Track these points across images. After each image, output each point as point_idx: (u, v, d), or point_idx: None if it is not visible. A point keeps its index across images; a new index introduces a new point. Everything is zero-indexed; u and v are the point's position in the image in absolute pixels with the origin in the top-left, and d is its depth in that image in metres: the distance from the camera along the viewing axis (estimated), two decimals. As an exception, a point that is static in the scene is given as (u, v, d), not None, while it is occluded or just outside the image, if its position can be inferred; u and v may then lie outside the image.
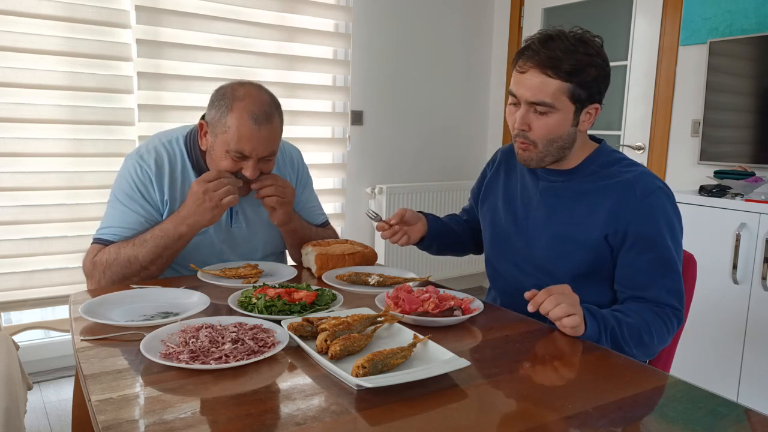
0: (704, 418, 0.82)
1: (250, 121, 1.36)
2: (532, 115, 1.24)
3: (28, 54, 2.42)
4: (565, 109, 1.23)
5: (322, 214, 1.79)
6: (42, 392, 2.48)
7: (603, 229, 1.26)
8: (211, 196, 1.36)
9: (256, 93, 1.41)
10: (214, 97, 1.43)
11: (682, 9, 2.81)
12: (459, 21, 3.70)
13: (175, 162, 1.50)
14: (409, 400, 0.83)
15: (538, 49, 1.21)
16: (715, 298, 2.30)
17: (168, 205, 1.48)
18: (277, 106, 1.45)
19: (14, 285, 2.51)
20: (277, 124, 1.43)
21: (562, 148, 1.28)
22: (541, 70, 1.20)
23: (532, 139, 1.26)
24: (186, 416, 0.77)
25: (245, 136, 1.37)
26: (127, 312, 1.17)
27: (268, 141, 1.40)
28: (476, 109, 3.88)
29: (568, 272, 1.30)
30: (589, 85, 1.22)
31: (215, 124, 1.40)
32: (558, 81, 1.20)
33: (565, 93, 1.21)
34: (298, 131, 3.19)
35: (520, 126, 1.26)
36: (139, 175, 1.46)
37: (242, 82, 1.44)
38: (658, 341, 1.19)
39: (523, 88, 1.23)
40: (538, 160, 1.30)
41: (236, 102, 1.37)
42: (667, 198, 1.26)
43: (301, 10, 3.07)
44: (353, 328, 1.01)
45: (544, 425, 0.78)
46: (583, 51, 1.20)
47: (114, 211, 1.47)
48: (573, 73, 1.19)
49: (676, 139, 2.91)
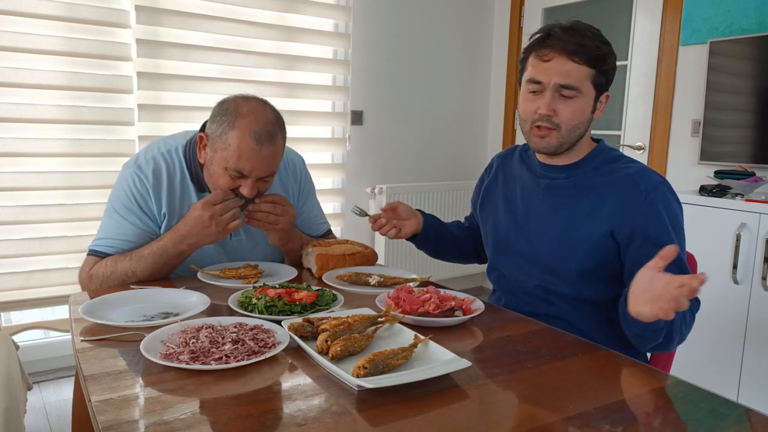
0: (705, 418, 0.82)
1: (251, 141, 1.32)
2: (558, 100, 1.26)
3: (28, 54, 2.42)
4: (588, 95, 1.27)
5: (325, 223, 1.76)
6: (42, 392, 2.48)
7: (608, 225, 1.26)
8: (218, 221, 1.34)
9: (261, 111, 1.36)
10: (216, 110, 1.38)
11: (682, 9, 2.81)
12: (459, 21, 3.70)
13: (174, 173, 1.46)
14: (410, 400, 0.83)
15: (561, 37, 1.24)
16: (715, 298, 2.30)
17: (166, 217, 1.45)
18: (281, 126, 1.41)
19: (14, 285, 2.51)
20: (280, 144, 1.39)
21: (580, 135, 1.31)
22: (567, 56, 1.23)
23: (556, 122, 1.27)
24: (186, 417, 0.77)
25: (245, 156, 1.33)
26: (127, 312, 1.17)
27: (268, 162, 1.36)
28: (476, 109, 3.88)
29: (573, 270, 1.30)
30: (608, 72, 1.27)
31: (216, 139, 1.36)
32: (584, 67, 1.24)
33: (589, 78, 1.25)
34: (298, 131, 3.19)
35: (547, 111, 1.26)
36: (138, 186, 1.43)
37: (247, 97, 1.39)
38: (683, 334, 1.20)
39: (551, 73, 1.25)
40: (557, 146, 1.29)
41: (239, 119, 1.33)
42: (670, 192, 1.27)
43: (301, 9, 3.07)
44: (354, 329, 1.01)
45: (546, 426, 0.77)
46: (601, 40, 1.26)
47: (111, 222, 1.44)
48: (597, 59, 1.24)
49: (676, 139, 2.91)
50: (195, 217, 1.35)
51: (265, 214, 1.43)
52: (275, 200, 1.44)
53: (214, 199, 1.35)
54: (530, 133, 1.31)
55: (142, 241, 1.43)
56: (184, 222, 1.38)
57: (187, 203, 1.47)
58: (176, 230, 1.39)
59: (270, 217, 1.43)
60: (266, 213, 1.43)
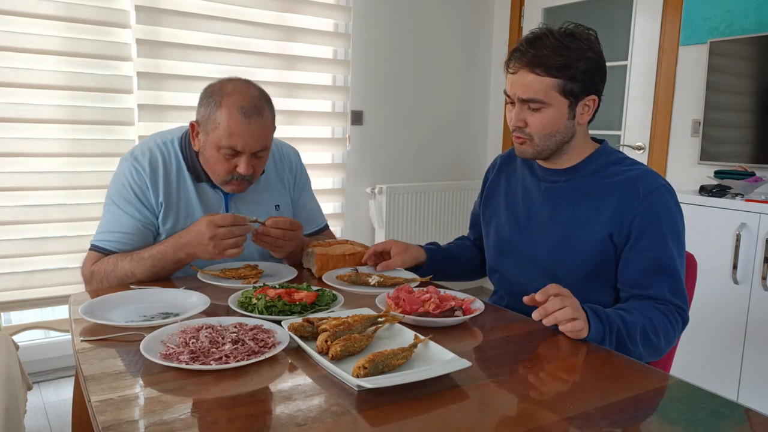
0: (705, 418, 0.82)
1: (240, 116, 1.35)
2: (526, 111, 1.28)
3: (28, 54, 2.42)
4: (557, 104, 1.26)
5: (322, 216, 1.77)
6: (42, 392, 2.48)
7: (607, 227, 1.26)
8: (216, 243, 1.32)
9: (245, 88, 1.39)
10: (203, 95, 1.42)
11: (682, 9, 2.81)
12: (459, 21, 3.70)
13: (170, 163, 1.48)
14: (410, 400, 0.83)
15: (525, 50, 1.25)
16: (715, 298, 2.30)
17: (163, 206, 1.46)
18: (267, 101, 1.43)
19: (14, 285, 2.51)
20: (268, 117, 1.41)
21: (561, 142, 1.31)
22: (529, 69, 1.24)
23: (528, 133, 1.30)
24: (186, 417, 0.77)
25: (236, 132, 1.35)
26: (127, 312, 1.17)
27: (259, 135, 1.38)
28: (476, 109, 3.88)
29: (573, 273, 1.30)
30: (580, 78, 1.24)
31: (205, 122, 1.39)
32: (547, 78, 1.24)
33: (554, 89, 1.25)
34: (298, 131, 3.19)
35: (516, 123, 1.30)
36: (135, 177, 1.44)
37: (230, 78, 1.42)
38: (665, 341, 1.18)
39: (515, 87, 1.28)
40: (534, 153, 1.32)
41: (225, 98, 1.36)
42: (670, 196, 1.26)
43: (301, 9, 3.07)
44: (354, 329, 1.01)
45: (546, 426, 0.77)
46: (572, 46, 1.23)
47: (110, 215, 1.45)
48: (560, 68, 1.23)
49: (676, 139, 2.91)
50: (197, 231, 1.34)
51: (273, 239, 1.43)
52: (285, 226, 1.43)
53: (221, 221, 1.32)
54: (513, 140, 1.35)
55: (141, 233, 1.44)
56: (187, 231, 1.37)
57: (184, 193, 1.48)
58: (179, 237, 1.38)
59: (278, 242, 1.44)
60: (275, 238, 1.43)
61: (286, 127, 3.12)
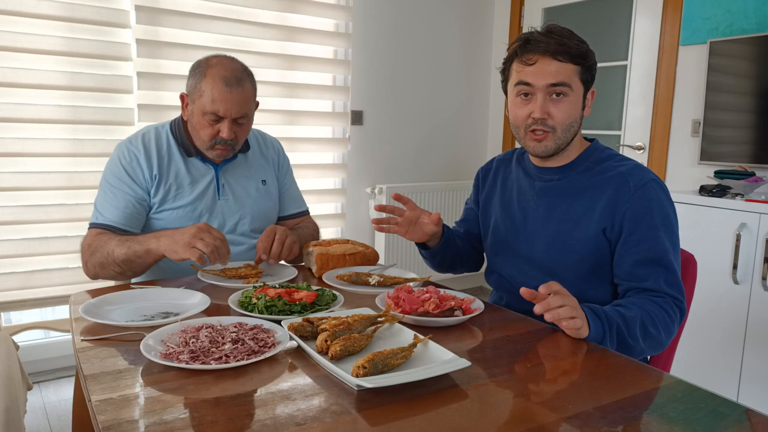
0: (705, 418, 0.82)
1: (222, 84, 1.48)
2: (549, 102, 1.27)
3: (28, 54, 2.42)
4: (577, 92, 1.28)
5: (305, 204, 1.87)
6: (42, 392, 2.48)
7: (600, 222, 1.27)
8: (194, 233, 1.32)
9: (228, 61, 1.54)
10: (191, 69, 1.55)
11: (682, 9, 2.81)
12: (459, 21, 3.70)
13: (162, 141, 1.60)
14: (409, 400, 0.83)
15: (542, 40, 1.26)
16: (715, 298, 2.30)
17: (157, 179, 1.55)
18: (249, 74, 1.56)
19: (14, 285, 2.51)
20: (249, 88, 1.53)
21: (574, 134, 1.32)
22: (552, 56, 1.25)
23: (551, 125, 1.28)
24: (186, 416, 0.77)
25: (218, 98, 1.47)
26: (128, 312, 1.17)
27: (239, 102, 1.50)
28: (476, 109, 3.88)
29: (571, 270, 1.30)
30: (591, 68, 1.29)
31: (192, 92, 1.52)
32: (570, 64, 1.26)
33: (577, 75, 1.27)
34: (299, 131, 3.19)
35: (541, 114, 1.27)
36: (127, 157, 1.55)
37: (216, 54, 1.57)
38: (665, 333, 1.18)
39: (538, 76, 1.26)
40: (556, 147, 1.30)
41: (209, 69, 1.50)
42: (661, 190, 1.27)
43: (302, 9, 3.07)
44: (353, 329, 1.01)
45: (545, 425, 0.77)
46: (578, 39, 1.28)
47: (104, 195, 1.54)
48: (579, 56, 1.26)
49: (676, 139, 2.91)
50: (189, 227, 1.36)
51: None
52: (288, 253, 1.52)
53: (216, 233, 1.36)
54: (525, 138, 1.32)
55: (133, 208, 1.53)
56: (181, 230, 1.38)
57: (174, 166, 1.58)
58: (163, 230, 1.44)
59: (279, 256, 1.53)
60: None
61: (287, 127, 3.12)
